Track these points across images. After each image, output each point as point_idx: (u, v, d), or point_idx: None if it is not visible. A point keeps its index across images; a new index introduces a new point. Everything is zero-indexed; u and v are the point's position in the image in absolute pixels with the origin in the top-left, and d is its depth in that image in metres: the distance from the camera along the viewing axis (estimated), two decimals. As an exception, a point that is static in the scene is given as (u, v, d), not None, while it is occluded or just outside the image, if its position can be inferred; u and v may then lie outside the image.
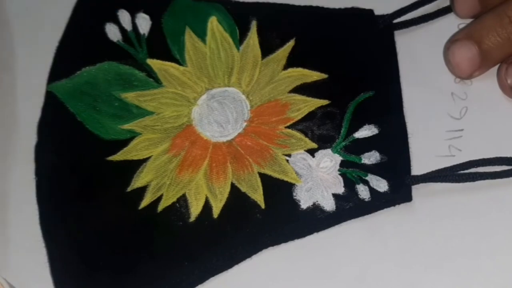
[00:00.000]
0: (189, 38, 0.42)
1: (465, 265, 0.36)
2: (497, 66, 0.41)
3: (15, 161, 0.39)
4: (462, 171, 0.38)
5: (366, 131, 0.40)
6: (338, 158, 0.39)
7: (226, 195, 0.38)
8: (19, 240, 0.37)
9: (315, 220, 0.37)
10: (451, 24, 0.43)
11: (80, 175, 0.38)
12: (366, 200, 0.37)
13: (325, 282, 0.36)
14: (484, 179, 0.38)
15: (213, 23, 0.43)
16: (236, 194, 0.38)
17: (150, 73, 0.41)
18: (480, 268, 0.36)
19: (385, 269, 0.36)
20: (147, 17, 0.43)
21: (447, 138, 0.40)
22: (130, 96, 0.41)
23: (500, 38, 0.39)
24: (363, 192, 0.38)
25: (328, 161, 0.39)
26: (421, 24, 0.43)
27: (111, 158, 0.39)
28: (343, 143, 0.39)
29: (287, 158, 0.39)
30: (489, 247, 0.37)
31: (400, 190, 0.38)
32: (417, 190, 0.38)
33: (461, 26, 0.43)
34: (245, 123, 0.40)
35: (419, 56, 0.42)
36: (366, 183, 0.38)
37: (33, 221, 0.37)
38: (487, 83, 0.41)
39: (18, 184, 0.39)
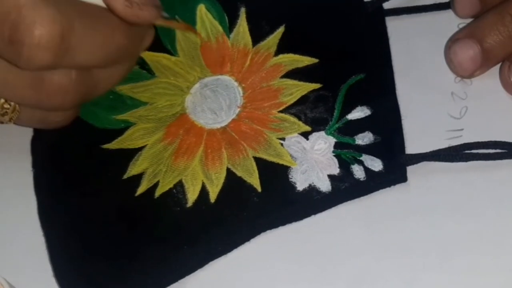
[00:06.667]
0: (179, 28, 0.43)
1: (460, 249, 0.36)
2: (497, 66, 0.41)
3: (12, 155, 0.40)
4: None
5: (358, 113, 0.40)
6: (332, 140, 0.39)
7: (222, 180, 0.38)
8: (19, 240, 0.37)
9: (312, 201, 0.37)
10: (451, 24, 0.43)
11: (76, 164, 0.39)
12: (361, 180, 0.37)
13: (322, 264, 0.36)
14: (477, 159, 0.38)
15: (202, 11, 0.43)
16: (232, 179, 0.38)
17: (143, 65, 0.42)
18: (475, 252, 0.36)
19: (381, 257, 0.36)
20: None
21: (447, 138, 0.39)
22: (124, 89, 0.41)
23: (502, 36, 0.39)
24: (358, 172, 0.38)
25: (322, 143, 0.39)
26: (421, 25, 0.43)
27: (106, 146, 0.39)
28: (337, 125, 0.39)
29: (282, 141, 0.39)
30: (487, 232, 0.36)
31: (395, 169, 0.38)
32: (413, 173, 0.38)
33: (461, 26, 0.43)
34: (239, 109, 0.40)
35: (419, 56, 0.42)
36: (360, 163, 0.38)
37: (33, 220, 0.37)
38: (487, 83, 0.41)
39: (16, 179, 0.39)
